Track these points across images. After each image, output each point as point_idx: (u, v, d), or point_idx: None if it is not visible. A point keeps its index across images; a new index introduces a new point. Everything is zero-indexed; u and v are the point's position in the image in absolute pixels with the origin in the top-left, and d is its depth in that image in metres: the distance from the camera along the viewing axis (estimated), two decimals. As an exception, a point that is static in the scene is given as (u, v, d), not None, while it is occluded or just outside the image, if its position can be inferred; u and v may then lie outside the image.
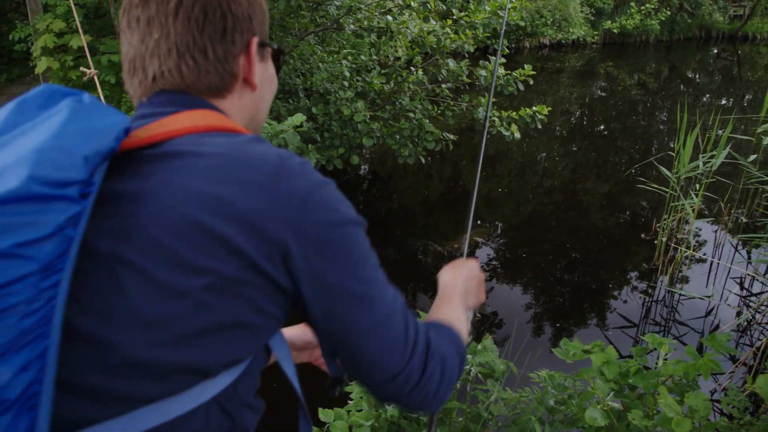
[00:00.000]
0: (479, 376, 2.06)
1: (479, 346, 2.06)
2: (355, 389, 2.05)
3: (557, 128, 11.39)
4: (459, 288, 1.07)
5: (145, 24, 0.78)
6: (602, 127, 11.66)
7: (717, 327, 4.41)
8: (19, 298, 0.54)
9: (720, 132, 5.73)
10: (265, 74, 0.88)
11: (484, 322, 4.48)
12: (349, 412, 1.95)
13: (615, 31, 24.62)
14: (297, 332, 1.15)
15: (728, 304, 4.73)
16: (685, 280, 5.16)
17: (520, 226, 6.55)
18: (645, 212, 6.67)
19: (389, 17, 5.29)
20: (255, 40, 0.83)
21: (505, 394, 2.09)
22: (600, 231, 6.30)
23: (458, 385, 2.10)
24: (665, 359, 1.95)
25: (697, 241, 5.89)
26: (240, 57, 0.82)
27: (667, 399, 1.69)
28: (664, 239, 5.21)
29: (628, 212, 6.93)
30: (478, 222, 6.37)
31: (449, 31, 5.39)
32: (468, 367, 2.04)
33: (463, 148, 9.62)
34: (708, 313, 4.64)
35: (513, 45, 22.03)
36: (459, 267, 1.13)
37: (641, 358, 2.09)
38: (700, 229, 6.14)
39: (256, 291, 0.68)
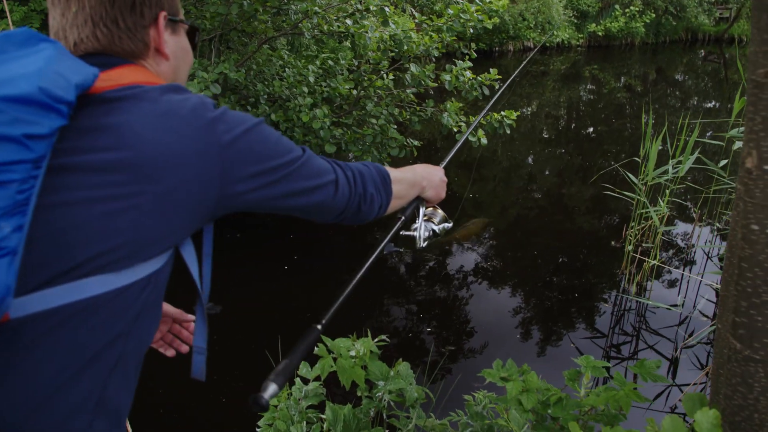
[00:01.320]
0: (392, 404, 1.92)
1: (392, 372, 1.91)
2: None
3: (543, 131, 11.31)
4: (419, 171, 1.42)
5: (65, 0, 0.92)
6: (588, 130, 11.59)
7: (691, 335, 4.29)
8: (16, 176, 0.70)
9: (692, 137, 5.62)
10: (177, 45, 1.04)
11: (456, 332, 4.36)
12: None
13: (600, 33, 24.69)
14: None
15: (701, 312, 4.61)
16: (656, 288, 5.03)
17: (503, 231, 6.44)
18: (622, 218, 6.57)
19: (349, 21, 5.15)
20: (162, 14, 0.98)
21: (421, 422, 1.94)
22: (576, 238, 6.18)
23: (372, 413, 1.95)
24: (587, 387, 1.81)
25: (669, 249, 5.78)
26: (150, 28, 0.97)
27: (579, 435, 1.54)
28: (630, 248, 5.08)
29: (606, 218, 6.83)
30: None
31: (412, 35, 5.26)
32: (380, 394, 1.90)
33: (433, 154, 9.51)
34: (681, 323, 4.51)
35: (496, 48, 22.01)
36: (427, 165, 1.48)
37: (573, 383, 1.95)
38: (672, 236, 6.03)
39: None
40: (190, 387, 3.57)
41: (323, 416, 1.94)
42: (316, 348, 1.93)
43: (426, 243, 1.54)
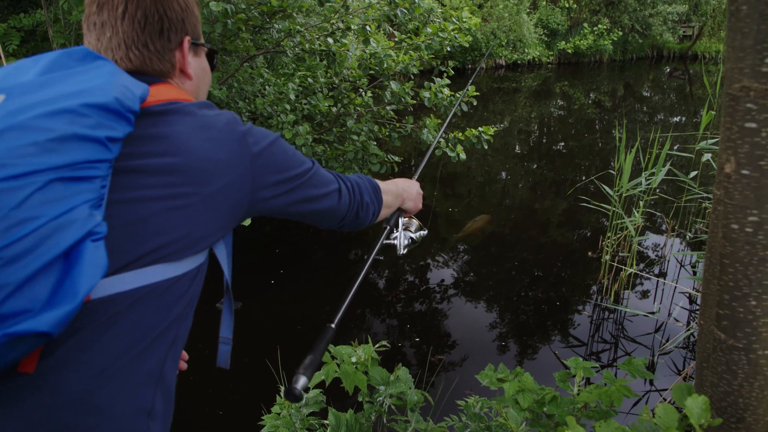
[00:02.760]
0: (393, 407, 1.99)
1: (392, 377, 1.99)
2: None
3: (516, 147, 11.48)
4: (398, 185, 1.56)
5: (99, 26, 1.03)
6: (560, 145, 11.78)
7: (668, 340, 4.40)
8: (100, 172, 0.80)
9: (664, 150, 5.80)
10: (199, 67, 1.16)
11: (439, 344, 4.42)
12: None
13: (569, 51, 25.15)
14: None
15: (676, 319, 4.75)
16: (633, 297, 5.16)
17: (478, 245, 6.53)
18: (597, 230, 6.71)
19: (330, 40, 5.25)
20: (187, 39, 1.09)
21: (422, 425, 2.02)
22: (554, 249, 6.30)
23: (373, 417, 2.02)
24: (579, 386, 1.90)
25: (644, 258, 5.93)
26: (176, 51, 1.08)
27: (575, 429, 1.63)
28: (608, 257, 5.22)
29: (581, 230, 6.96)
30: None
31: (392, 53, 5.37)
32: (380, 398, 1.97)
33: (415, 170, 9.61)
34: (657, 330, 4.64)
35: (469, 66, 22.30)
36: (405, 179, 1.64)
37: (563, 384, 2.04)
38: (646, 246, 6.19)
39: None
40: (186, 397, 3.59)
41: (326, 422, 2.01)
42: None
43: (406, 250, 1.66)
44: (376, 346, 2.08)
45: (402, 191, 1.57)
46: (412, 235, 1.65)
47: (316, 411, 2.08)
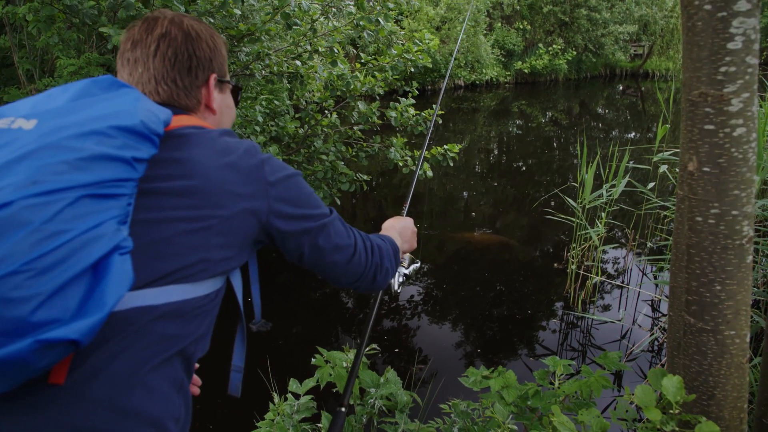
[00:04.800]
0: (384, 408, 2.07)
1: (382, 379, 2.07)
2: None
3: (476, 166, 11.67)
4: (397, 228, 1.55)
5: (133, 62, 1.10)
6: (519, 162, 12.03)
7: (634, 345, 4.55)
8: (126, 191, 0.86)
9: (623, 163, 6.02)
10: (223, 102, 1.22)
11: (412, 360, 4.49)
12: None
13: (526, 71, 25.71)
14: None
15: (639, 326, 4.91)
16: (598, 305, 5.32)
17: (444, 264, 6.64)
18: (560, 242, 6.89)
19: (298, 62, 5.35)
20: (213, 77, 1.16)
21: (412, 426, 2.10)
22: (520, 263, 6.44)
23: (364, 419, 2.10)
24: (559, 380, 2.01)
25: (608, 267, 6.11)
26: (202, 88, 1.15)
27: (560, 417, 1.73)
28: (574, 267, 5.39)
29: (545, 243, 7.13)
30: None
31: (358, 74, 5.50)
32: (371, 400, 2.05)
33: (385, 189, 9.72)
34: (623, 336, 4.79)
35: (429, 86, 22.60)
36: (398, 218, 1.63)
37: (543, 381, 2.15)
38: (609, 256, 6.38)
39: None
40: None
41: (319, 425, 2.08)
42: (313, 359, 2.08)
43: (401, 288, 1.71)
44: (367, 349, 2.15)
45: (400, 236, 1.56)
46: (406, 272, 1.65)
47: (308, 417, 2.15)
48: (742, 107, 1.36)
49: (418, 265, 1.68)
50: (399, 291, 1.67)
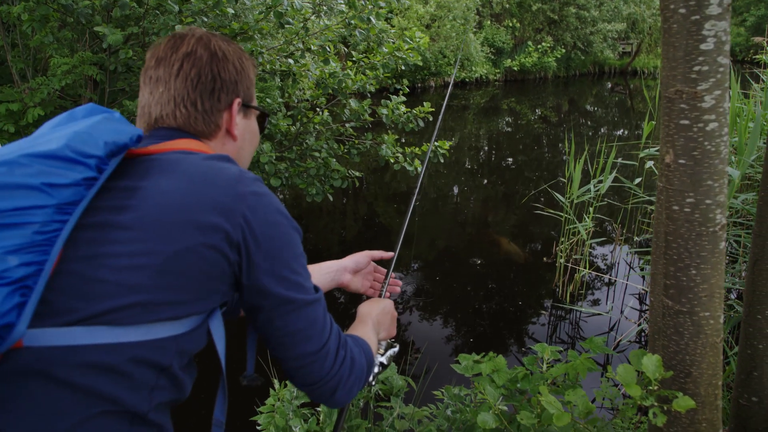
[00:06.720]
0: (380, 393, 2.16)
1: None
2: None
3: (466, 162, 11.77)
4: (374, 318, 1.34)
5: (154, 81, 1.06)
6: (509, 159, 12.14)
7: (621, 340, 4.66)
8: (36, 219, 0.78)
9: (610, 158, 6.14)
10: (247, 128, 1.15)
11: (405, 353, 4.58)
12: None
13: (515, 68, 25.84)
14: (351, 260, 1.57)
15: (626, 317, 5.02)
16: (587, 298, 5.44)
17: (436, 259, 6.73)
18: (549, 237, 7.00)
19: (291, 60, 5.42)
20: (237, 101, 1.10)
21: (407, 410, 2.19)
22: (510, 258, 6.55)
23: (361, 403, 2.19)
24: (549, 364, 2.12)
25: (596, 261, 6.22)
26: (224, 112, 1.09)
27: (547, 397, 1.83)
28: (563, 261, 5.49)
29: (534, 238, 7.24)
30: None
31: (350, 72, 5.58)
32: (369, 385, 2.13)
33: (376, 186, 9.80)
34: (611, 329, 4.90)
35: (419, 84, 22.69)
36: (376, 302, 1.42)
37: (532, 366, 2.24)
38: (597, 250, 6.49)
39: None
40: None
41: (318, 409, 2.17)
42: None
43: (375, 380, 1.55)
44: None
45: (377, 326, 1.35)
46: (383, 359, 1.41)
47: (308, 402, 2.23)
48: (715, 103, 1.46)
49: (396, 349, 1.46)
50: (374, 384, 1.57)
